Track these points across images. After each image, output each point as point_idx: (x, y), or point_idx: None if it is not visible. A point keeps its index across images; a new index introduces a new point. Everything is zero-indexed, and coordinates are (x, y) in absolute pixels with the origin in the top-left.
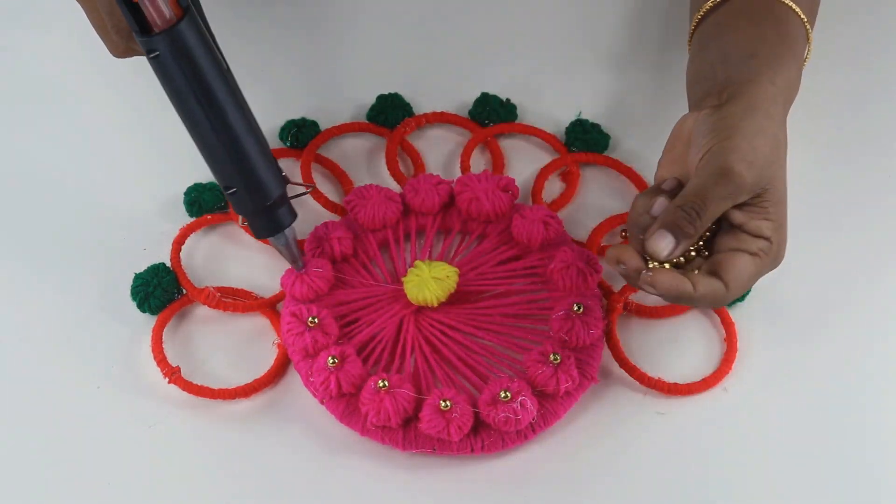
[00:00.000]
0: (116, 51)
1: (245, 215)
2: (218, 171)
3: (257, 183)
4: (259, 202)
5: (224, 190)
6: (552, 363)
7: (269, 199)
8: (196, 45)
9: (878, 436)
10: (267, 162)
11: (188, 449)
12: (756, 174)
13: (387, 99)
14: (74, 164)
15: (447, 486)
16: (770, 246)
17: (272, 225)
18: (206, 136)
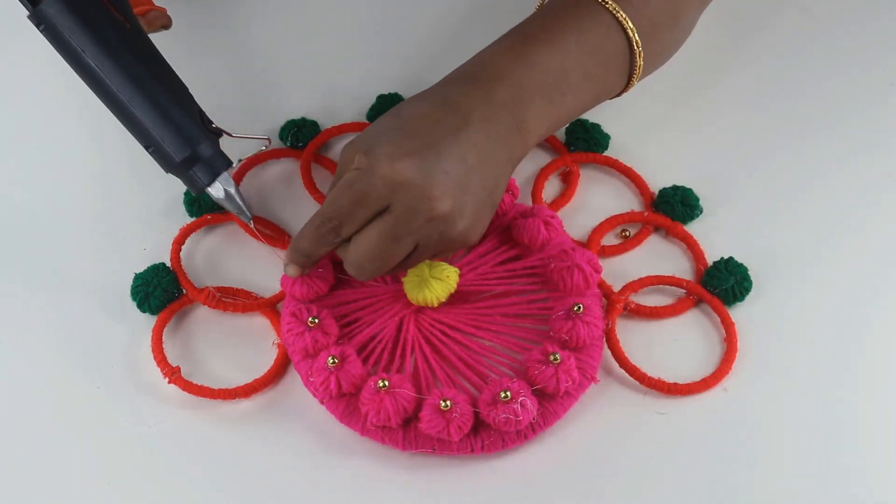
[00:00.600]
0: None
1: (173, 173)
2: (131, 131)
3: (171, 138)
4: (176, 157)
5: (146, 150)
6: (552, 363)
7: (184, 153)
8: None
9: (878, 435)
10: (182, 117)
11: (188, 449)
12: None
13: (387, 99)
14: (74, 164)
15: (447, 486)
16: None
17: (199, 179)
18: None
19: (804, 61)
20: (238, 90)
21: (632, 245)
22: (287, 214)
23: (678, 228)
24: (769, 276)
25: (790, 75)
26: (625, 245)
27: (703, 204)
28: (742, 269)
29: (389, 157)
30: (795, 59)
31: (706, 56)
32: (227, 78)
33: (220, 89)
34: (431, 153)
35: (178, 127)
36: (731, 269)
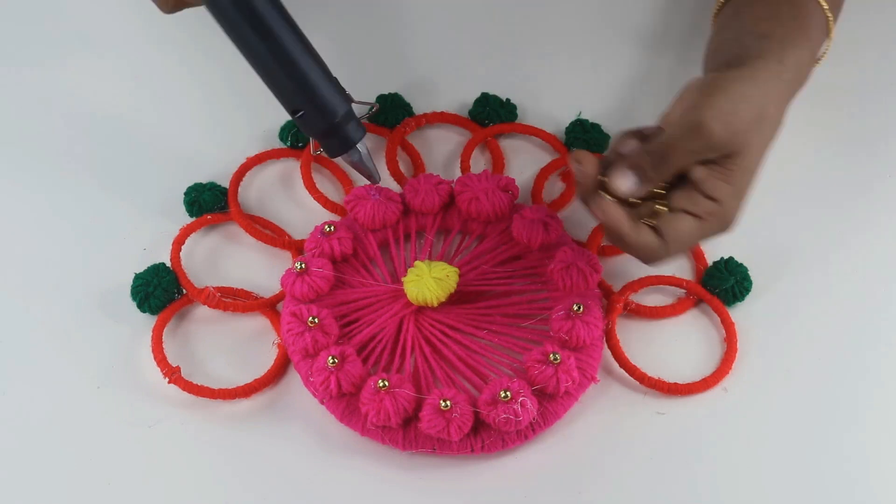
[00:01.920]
0: (166, 6)
1: (315, 136)
2: (284, 95)
3: (323, 102)
4: (327, 121)
5: (292, 115)
6: (552, 363)
7: (336, 117)
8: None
9: (878, 435)
10: (329, 82)
11: (188, 449)
12: (728, 134)
13: (387, 99)
14: (74, 164)
15: (447, 486)
16: (718, 209)
17: (344, 142)
18: (268, 64)
19: None
20: (238, 90)
21: None
22: (287, 214)
23: None
24: (769, 276)
25: None
26: None
27: None
28: (742, 269)
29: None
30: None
31: None
32: (227, 78)
33: (220, 89)
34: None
35: (326, 92)
36: (731, 269)
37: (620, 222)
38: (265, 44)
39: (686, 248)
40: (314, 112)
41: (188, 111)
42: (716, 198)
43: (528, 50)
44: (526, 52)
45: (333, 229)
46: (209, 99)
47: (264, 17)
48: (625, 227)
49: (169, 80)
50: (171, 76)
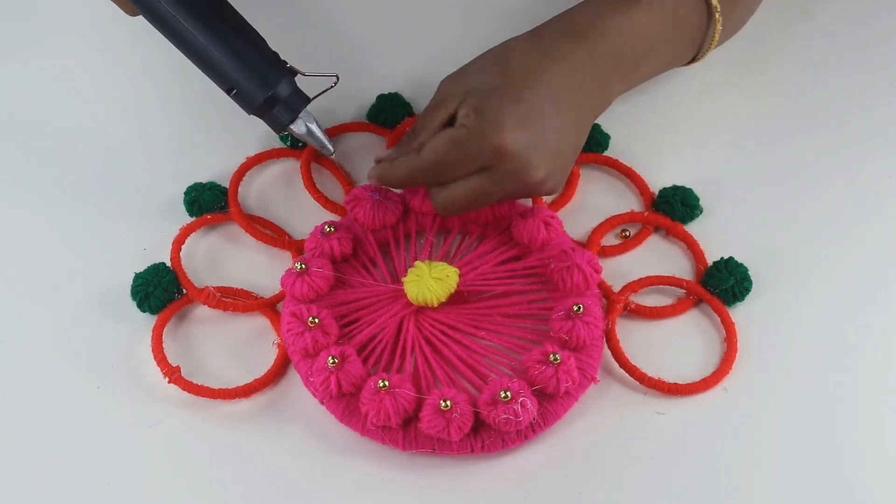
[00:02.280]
0: (128, 9)
1: (254, 114)
2: (215, 76)
3: (253, 78)
4: (259, 96)
5: (228, 94)
6: (552, 363)
7: (266, 92)
8: None
9: (878, 435)
10: (260, 58)
11: (188, 449)
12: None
13: (387, 99)
14: (74, 164)
15: (447, 486)
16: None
17: (283, 115)
18: (192, 47)
19: (805, 61)
20: None
21: (632, 245)
22: (287, 214)
23: (678, 228)
24: (769, 276)
25: (790, 75)
26: (625, 245)
27: (703, 204)
28: (742, 269)
29: (500, 126)
30: (796, 59)
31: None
32: None
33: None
34: (536, 122)
35: (258, 67)
36: (731, 269)
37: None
38: (167, 28)
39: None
40: (244, 90)
41: (188, 111)
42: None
43: None
44: None
45: (333, 229)
46: (209, 99)
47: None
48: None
49: (169, 79)
50: (170, 76)
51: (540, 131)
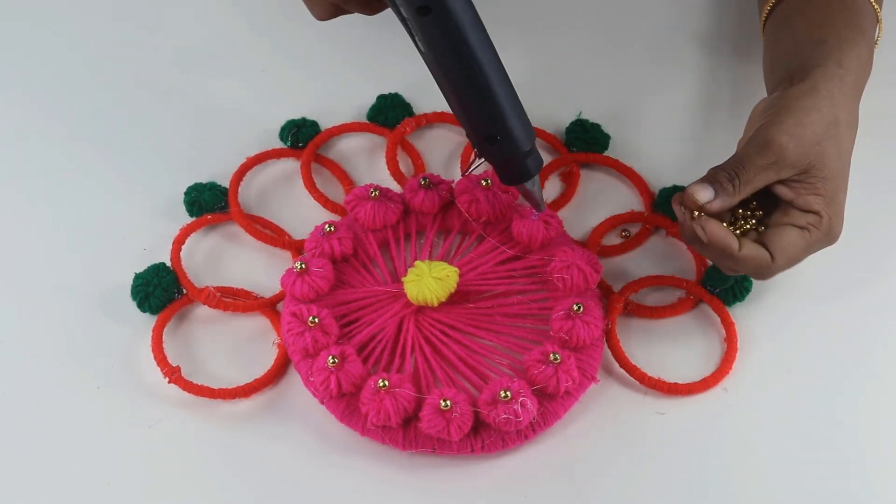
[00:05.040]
0: (323, 14)
1: (499, 163)
2: (484, 121)
3: (517, 131)
4: (518, 149)
5: (484, 140)
6: (552, 363)
7: (527, 147)
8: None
9: (878, 435)
10: (523, 113)
11: (188, 449)
12: (800, 149)
13: (387, 99)
14: (74, 164)
15: (447, 486)
16: (820, 220)
17: (525, 172)
18: (468, 91)
19: None
20: (238, 90)
21: (632, 245)
22: (287, 214)
23: (678, 228)
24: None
25: None
26: (625, 245)
27: None
28: None
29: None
30: None
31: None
32: (227, 78)
33: (220, 89)
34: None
35: (524, 116)
36: None
37: (726, 240)
38: (470, 73)
39: (795, 262)
40: (507, 141)
41: (188, 111)
42: (813, 209)
43: (529, 50)
44: (526, 53)
45: (334, 229)
46: (209, 99)
47: (476, 39)
48: (732, 244)
49: (169, 79)
50: (170, 76)
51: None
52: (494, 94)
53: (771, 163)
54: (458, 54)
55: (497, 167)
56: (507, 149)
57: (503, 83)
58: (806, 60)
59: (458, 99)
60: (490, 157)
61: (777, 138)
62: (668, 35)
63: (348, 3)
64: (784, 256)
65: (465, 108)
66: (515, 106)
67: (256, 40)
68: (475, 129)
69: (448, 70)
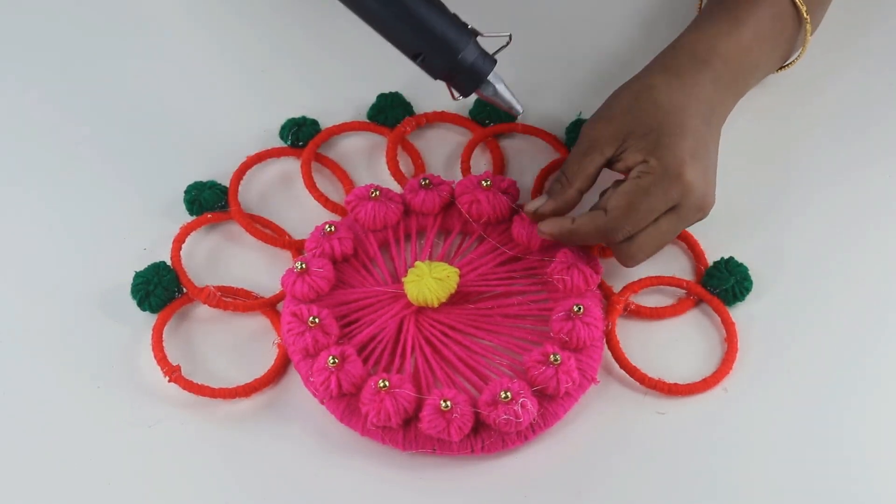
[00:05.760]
0: None
1: (441, 78)
2: (401, 41)
3: (442, 42)
4: (449, 60)
5: (413, 59)
6: (552, 364)
7: (457, 53)
8: None
9: (878, 435)
10: (447, 19)
11: (188, 449)
12: (609, 124)
13: (387, 98)
14: (74, 164)
15: (447, 486)
16: (647, 165)
17: (473, 77)
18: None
19: (805, 62)
20: (239, 89)
21: None
22: (287, 214)
23: None
24: (769, 276)
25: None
26: None
27: None
28: (742, 269)
29: (681, 163)
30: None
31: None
32: (227, 77)
33: (220, 88)
34: (701, 150)
35: (446, 30)
36: (731, 269)
37: (560, 224)
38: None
39: (628, 207)
40: (433, 53)
41: (188, 110)
42: (635, 162)
43: (528, 50)
44: (526, 53)
45: (334, 229)
46: (209, 98)
47: None
48: (566, 225)
49: (169, 79)
50: (170, 76)
51: (705, 158)
52: (404, 9)
53: (587, 148)
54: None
55: (449, 84)
56: (441, 60)
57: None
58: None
59: (375, 25)
60: (433, 73)
61: (586, 126)
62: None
63: None
64: (615, 205)
65: (385, 32)
66: (432, 15)
67: (256, 40)
68: (404, 53)
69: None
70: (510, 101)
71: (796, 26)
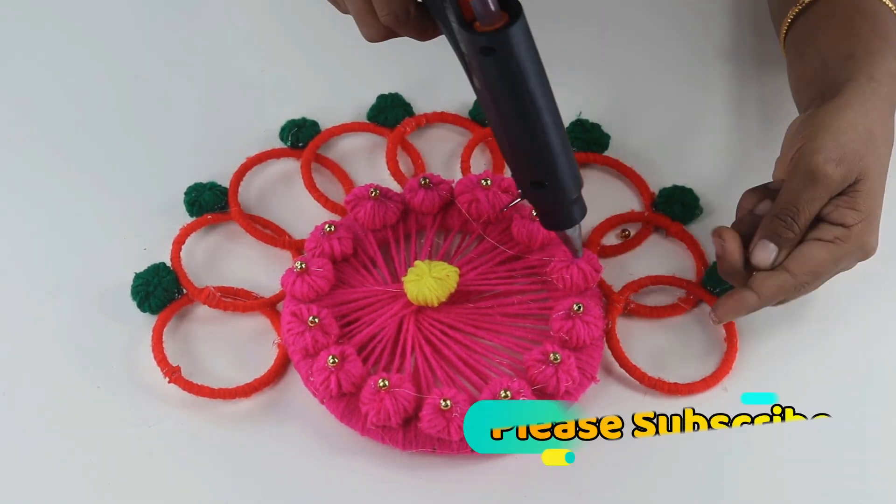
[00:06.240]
0: (376, 35)
1: (546, 209)
2: (528, 167)
3: (566, 180)
4: (563, 198)
5: (530, 185)
6: (552, 363)
7: (574, 195)
8: (528, 43)
9: (879, 436)
10: (573, 160)
11: (188, 449)
12: (844, 170)
13: (387, 99)
14: (74, 164)
15: (447, 486)
16: (848, 233)
17: (567, 219)
18: (522, 135)
19: None
20: (239, 90)
21: (632, 245)
22: (287, 214)
23: (678, 228)
24: None
25: None
26: (625, 245)
27: (703, 204)
28: None
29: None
30: None
31: (706, 57)
32: (227, 78)
33: (220, 89)
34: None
35: (574, 163)
36: None
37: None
38: (533, 115)
39: (817, 275)
40: (554, 188)
41: (189, 111)
42: (843, 223)
43: None
44: None
45: (334, 229)
46: (209, 99)
47: (540, 87)
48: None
49: (169, 79)
50: (170, 76)
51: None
52: (548, 142)
53: (819, 194)
54: (516, 98)
55: (540, 212)
56: (554, 196)
57: (557, 130)
58: (836, 76)
59: (510, 141)
60: (534, 201)
61: (822, 167)
62: (668, 35)
63: (403, 28)
64: (802, 269)
65: (516, 152)
66: (567, 153)
67: (256, 40)
68: (523, 173)
69: (504, 112)
70: (577, 246)
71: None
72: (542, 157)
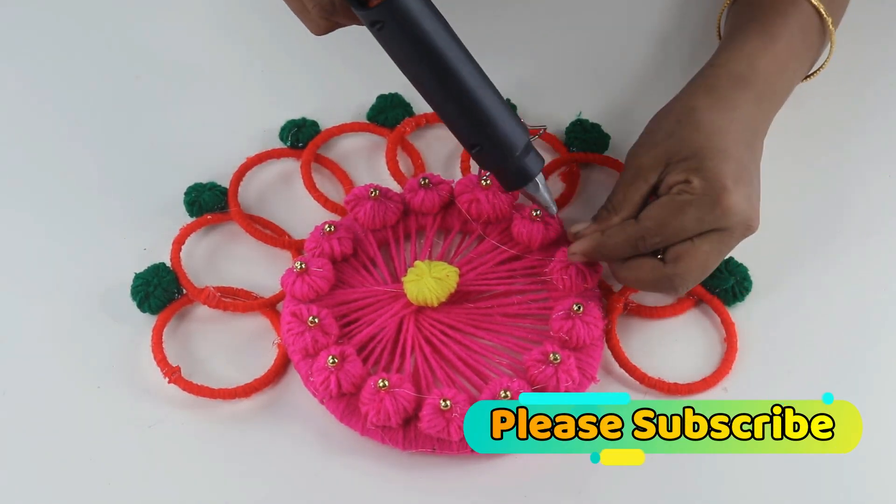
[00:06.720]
0: (318, 29)
1: (493, 170)
2: (460, 131)
3: (502, 137)
4: (507, 155)
5: (469, 148)
6: (552, 363)
7: (516, 151)
8: (420, 9)
9: (879, 436)
10: (508, 114)
11: (188, 449)
12: (652, 150)
13: (387, 99)
14: (74, 164)
15: (447, 486)
16: (689, 185)
17: (522, 175)
18: (443, 100)
19: None
20: (238, 90)
21: None
22: (287, 214)
23: None
24: (769, 276)
25: None
26: None
27: None
28: (742, 269)
29: (723, 186)
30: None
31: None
32: (227, 77)
33: (220, 89)
34: (744, 173)
35: (514, 117)
36: (731, 269)
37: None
38: (442, 80)
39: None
40: (492, 147)
41: (188, 111)
42: (676, 182)
43: (528, 50)
44: (526, 53)
45: (333, 229)
46: (209, 99)
47: (441, 51)
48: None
49: (168, 79)
50: (170, 76)
51: (749, 183)
52: (470, 100)
53: (632, 177)
54: (422, 63)
55: (495, 175)
56: (498, 154)
57: (480, 86)
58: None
59: (436, 109)
60: (484, 165)
61: (630, 155)
62: (668, 35)
63: (335, 16)
64: (646, 214)
65: (446, 118)
66: (498, 109)
67: (257, 40)
68: (459, 139)
69: (417, 80)
70: (547, 202)
71: (821, 36)
72: (472, 119)
